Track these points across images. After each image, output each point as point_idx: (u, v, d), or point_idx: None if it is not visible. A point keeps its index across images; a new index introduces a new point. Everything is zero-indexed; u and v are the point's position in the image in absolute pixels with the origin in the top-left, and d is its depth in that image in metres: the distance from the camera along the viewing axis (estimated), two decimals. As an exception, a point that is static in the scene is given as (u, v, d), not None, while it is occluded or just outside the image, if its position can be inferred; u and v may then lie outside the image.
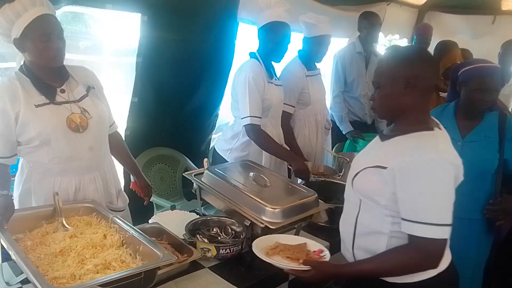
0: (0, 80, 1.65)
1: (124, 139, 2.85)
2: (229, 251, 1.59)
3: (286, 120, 2.81)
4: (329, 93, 3.57)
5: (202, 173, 1.88)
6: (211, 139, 3.41)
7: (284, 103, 2.80)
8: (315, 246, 1.53)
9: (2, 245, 1.33)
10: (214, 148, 2.59)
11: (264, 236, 1.53)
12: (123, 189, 2.00)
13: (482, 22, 4.32)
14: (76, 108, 1.68)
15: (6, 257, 1.35)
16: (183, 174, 2.00)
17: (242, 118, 2.31)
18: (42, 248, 1.34)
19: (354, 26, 4.02)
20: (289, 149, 2.61)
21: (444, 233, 1.22)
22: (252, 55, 2.44)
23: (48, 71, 1.65)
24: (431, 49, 3.90)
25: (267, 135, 2.34)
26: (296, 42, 2.60)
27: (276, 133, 2.50)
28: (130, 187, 2.07)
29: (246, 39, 3.07)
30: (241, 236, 1.69)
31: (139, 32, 2.67)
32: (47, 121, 1.60)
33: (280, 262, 1.39)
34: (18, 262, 1.21)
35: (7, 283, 1.37)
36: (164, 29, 2.71)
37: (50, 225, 1.50)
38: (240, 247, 1.63)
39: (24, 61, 1.65)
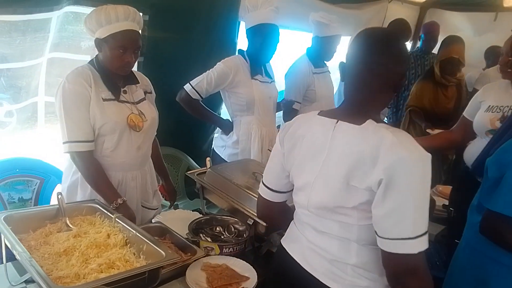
0: (75, 69, 1.74)
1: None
2: (232, 250, 1.59)
3: (292, 116, 2.82)
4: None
5: (205, 172, 1.88)
6: (213, 138, 3.41)
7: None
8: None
9: (6, 245, 1.33)
10: (212, 146, 2.62)
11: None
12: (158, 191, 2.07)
13: (484, 19, 4.31)
14: (135, 109, 1.80)
15: (10, 257, 1.35)
16: (186, 173, 2.01)
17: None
18: (46, 248, 1.35)
19: (356, 24, 4.02)
20: None
21: None
22: (240, 51, 2.49)
23: (115, 72, 1.76)
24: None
25: (197, 102, 2.39)
26: (284, 40, 2.58)
27: (265, 131, 2.48)
28: (158, 189, 2.11)
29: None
30: (244, 235, 1.69)
31: (140, 32, 2.67)
32: (111, 116, 1.71)
33: None
34: (22, 261, 1.21)
35: (12, 283, 1.38)
36: (165, 28, 2.71)
37: (53, 225, 1.50)
38: (243, 246, 1.63)
39: (96, 56, 1.76)
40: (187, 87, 2.36)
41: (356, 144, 1.11)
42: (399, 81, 1.18)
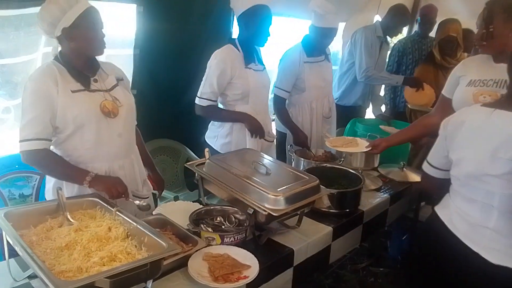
0: (40, 67, 1.74)
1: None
2: (233, 239, 1.61)
3: (280, 104, 2.90)
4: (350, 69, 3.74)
5: (204, 163, 1.88)
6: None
7: (277, 87, 2.88)
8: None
9: (8, 241, 1.34)
10: (199, 137, 2.60)
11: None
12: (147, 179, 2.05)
13: (480, 1, 4.26)
14: (108, 96, 1.78)
15: (13, 253, 1.36)
16: (185, 164, 2.01)
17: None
18: (48, 243, 1.35)
19: (351, 9, 4.00)
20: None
21: None
22: (230, 40, 2.42)
23: (84, 61, 1.74)
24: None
25: (212, 107, 2.38)
26: (280, 27, 2.56)
27: (260, 120, 2.45)
28: (146, 178, 2.09)
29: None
30: (245, 224, 1.70)
31: (135, 24, 2.65)
32: (83, 106, 1.69)
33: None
34: (24, 257, 1.22)
35: (15, 279, 1.39)
36: (160, 19, 2.69)
37: (54, 219, 1.51)
38: (244, 235, 1.65)
39: (60, 51, 1.72)
40: (197, 100, 2.38)
41: (508, 124, 1.34)
42: None
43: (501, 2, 1.85)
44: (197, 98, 2.38)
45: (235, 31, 3.02)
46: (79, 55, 1.72)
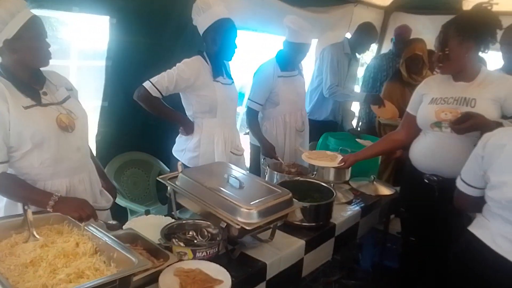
0: None
1: (95, 144, 2.82)
2: (205, 254, 1.59)
3: (252, 116, 2.96)
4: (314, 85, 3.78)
5: (177, 176, 1.87)
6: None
7: (250, 100, 2.94)
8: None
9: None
10: (171, 150, 2.56)
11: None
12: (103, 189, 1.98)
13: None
14: (62, 109, 1.70)
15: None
16: (157, 178, 1.98)
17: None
18: (12, 259, 1.30)
19: (323, 27, 4.10)
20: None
21: None
22: (199, 53, 2.40)
23: (29, 74, 1.65)
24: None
25: (157, 99, 2.29)
26: (252, 42, 2.60)
27: (228, 133, 2.47)
28: (102, 188, 2.03)
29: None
30: (218, 238, 1.69)
31: (108, 35, 2.63)
32: (39, 122, 1.60)
33: None
34: (-14, 275, 1.17)
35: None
36: (133, 32, 2.68)
37: (19, 235, 1.45)
38: (216, 249, 1.64)
39: (1, 64, 1.62)
40: (146, 84, 2.25)
41: None
42: None
43: (455, 26, 1.95)
44: (148, 83, 2.25)
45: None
46: (24, 68, 1.62)
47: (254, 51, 4.02)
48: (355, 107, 4.36)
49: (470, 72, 2.00)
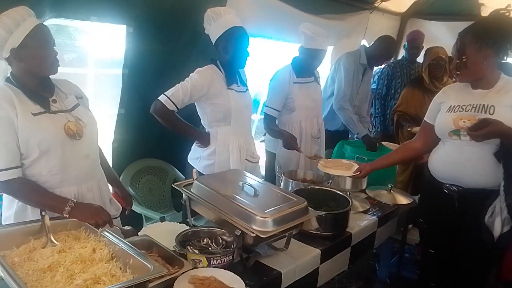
0: None
1: (111, 151, 2.85)
2: (220, 262, 1.58)
3: (270, 122, 2.95)
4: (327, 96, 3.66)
5: (192, 183, 1.87)
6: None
7: (268, 106, 2.94)
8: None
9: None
10: (187, 158, 2.56)
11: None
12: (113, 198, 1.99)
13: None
14: (70, 117, 1.71)
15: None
16: (172, 185, 1.99)
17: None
18: (30, 264, 1.32)
19: (338, 34, 4.09)
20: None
21: None
22: (212, 61, 2.42)
23: (38, 82, 1.67)
24: (420, 56, 4.00)
25: (173, 113, 2.30)
26: (267, 50, 2.60)
27: (243, 141, 2.46)
28: (112, 197, 2.04)
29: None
30: (232, 246, 1.68)
31: (124, 44, 2.67)
32: (47, 129, 1.62)
33: None
34: (6, 279, 1.19)
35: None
36: (149, 40, 2.71)
37: (37, 240, 1.47)
38: (231, 257, 1.63)
39: (11, 73, 1.65)
40: (162, 98, 2.27)
41: None
42: None
43: (473, 33, 1.91)
44: (163, 96, 2.27)
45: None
46: (32, 76, 1.64)
47: (269, 58, 4.03)
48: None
49: (488, 80, 1.95)
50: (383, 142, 3.20)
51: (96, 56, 2.97)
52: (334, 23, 3.96)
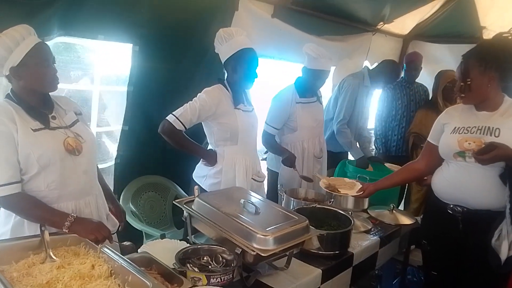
0: None
1: (114, 167, 2.86)
2: (220, 280, 1.57)
3: (268, 138, 2.97)
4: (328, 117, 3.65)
5: (193, 200, 1.87)
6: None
7: (267, 124, 2.96)
8: None
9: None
10: (192, 175, 2.57)
11: None
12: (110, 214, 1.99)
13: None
14: (69, 132, 1.73)
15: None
16: (173, 202, 1.99)
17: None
18: (29, 280, 1.31)
19: (340, 55, 4.13)
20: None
21: None
22: (219, 81, 2.45)
23: (37, 99, 1.69)
24: (422, 78, 4.02)
25: (181, 133, 2.31)
26: (264, 68, 2.62)
27: (249, 160, 2.47)
28: (109, 213, 2.03)
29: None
30: (232, 265, 1.67)
31: (130, 62, 2.71)
32: (46, 145, 1.63)
33: None
34: (3, 294, 1.18)
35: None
36: (155, 59, 2.75)
37: (37, 256, 1.46)
38: (231, 276, 1.61)
39: (11, 89, 1.68)
40: (170, 118, 2.28)
41: None
42: None
43: (477, 55, 1.92)
44: (171, 116, 2.28)
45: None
46: (31, 93, 1.66)
47: (271, 78, 4.07)
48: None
49: (493, 102, 1.96)
50: (386, 164, 3.19)
51: (102, 73, 3.01)
52: (336, 44, 4.01)
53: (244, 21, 3.04)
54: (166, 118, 2.30)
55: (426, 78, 4.14)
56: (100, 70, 2.97)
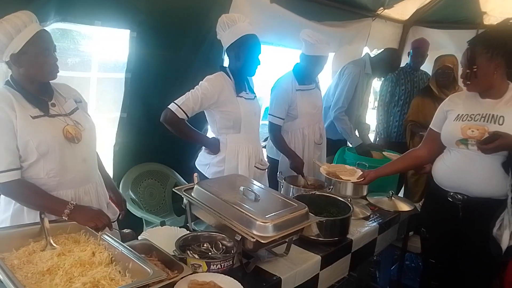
0: None
1: (113, 154, 2.86)
2: (220, 267, 1.58)
3: (276, 131, 2.93)
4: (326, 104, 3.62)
5: (192, 188, 1.87)
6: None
7: (272, 115, 2.91)
8: None
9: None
10: (195, 163, 2.56)
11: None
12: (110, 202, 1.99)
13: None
14: (69, 120, 1.72)
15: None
16: (173, 189, 1.99)
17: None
18: (29, 267, 1.32)
19: (340, 41, 4.10)
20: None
21: None
22: (222, 68, 2.42)
23: (37, 86, 1.68)
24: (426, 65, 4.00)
25: (183, 122, 2.29)
26: (270, 56, 2.59)
27: (252, 148, 2.46)
28: (109, 201, 2.04)
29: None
30: (232, 251, 1.68)
31: (128, 48, 2.68)
32: (45, 132, 1.63)
33: None
34: (4, 281, 1.19)
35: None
36: (153, 45, 2.72)
37: (37, 243, 1.47)
38: (231, 262, 1.62)
39: (10, 76, 1.66)
40: (172, 106, 2.25)
41: None
42: None
43: (483, 42, 1.88)
44: (173, 105, 2.25)
45: (226, 60, 3.08)
46: (31, 80, 1.65)
47: (270, 64, 4.04)
48: (370, 120, 4.26)
49: (498, 89, 1.94)
50: (384, 152, 3.18)
51: (100, 60, 2.98)
52: (336, 30, 3.96)
53: (243, 6, 3.00)
54: (168, 106, 2.27)
55: (426, 64, 4.11)
56: (97, 57, 2.94)
